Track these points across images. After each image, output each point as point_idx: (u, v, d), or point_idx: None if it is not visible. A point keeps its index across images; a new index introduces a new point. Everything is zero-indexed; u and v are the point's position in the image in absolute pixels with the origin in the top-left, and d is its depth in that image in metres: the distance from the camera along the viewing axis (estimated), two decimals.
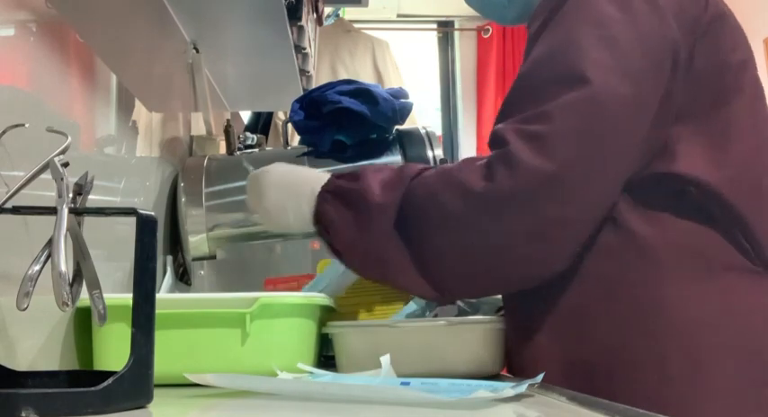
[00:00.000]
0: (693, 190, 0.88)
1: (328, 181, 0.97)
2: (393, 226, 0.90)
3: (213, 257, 1.35)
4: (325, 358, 1.04)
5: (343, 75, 3.48)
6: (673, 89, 0.87)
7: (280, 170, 1.02)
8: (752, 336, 0.87)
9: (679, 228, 0.88)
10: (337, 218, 0.93)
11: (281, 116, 2.89)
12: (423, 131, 1.42)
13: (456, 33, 4.31)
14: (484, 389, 0.67)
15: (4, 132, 0.72)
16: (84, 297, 0.68)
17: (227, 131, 1.49)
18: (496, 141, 0.87)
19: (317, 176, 0.99)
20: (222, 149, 1.61)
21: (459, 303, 1.12)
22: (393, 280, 0.93)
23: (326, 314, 1.00)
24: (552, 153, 0.82)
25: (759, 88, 0.95)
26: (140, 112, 1.33)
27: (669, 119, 0.88)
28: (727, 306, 0.87)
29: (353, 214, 0.92)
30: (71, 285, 0.65)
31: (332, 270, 1.09)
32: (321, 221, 0.95)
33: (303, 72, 1.46)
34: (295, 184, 0.99)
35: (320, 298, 0.94)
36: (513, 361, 0.99)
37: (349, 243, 0.93)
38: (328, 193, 0.96)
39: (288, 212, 0.98)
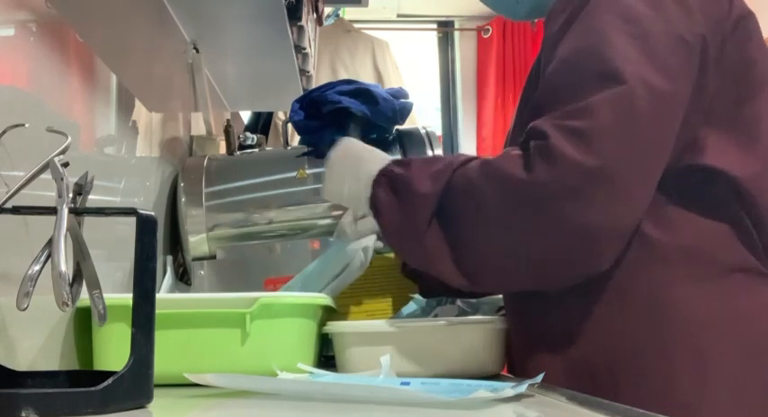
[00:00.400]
0: (719, 184, 0.87)
1: (386, 164, 0.98)
2: (433, 216, 0.90)
3: (213, 257, 1.35)
4: (326, 358, 1.04)
5: (343, 75, 3.48)
6: (703, 85, 0.87)
7: (353, 143, 1.06)
8: (758, 338, 0.87)
9: (691, 227, 0.88)
10: (385, 202, 0.95)
11: (281, 116, 2.89)
12: (423, 131, 1.42)
13: (456, 33, 4.31)
14: (484, 389, 0.67)
15: (4, 132, 0.72)
16: (84, 297, 0.68)
17: (227, 131, 1.49)
18: (534, 136, 0.85)
19: (381, 158, 1.01)
20: (222, 149, 1.61)
21: (459, 303, 1.13)
22: (430, 268, 0.92)
23: (326, 314, 1.00)
24: (594, 148, 0.81)
25: None
26: (140, 112, 1.33)
27: (700, 115, 0.87)
28: (734, 308, 0.87)
29: (398, 200, 0.94)
30: (71, 285, 0.65)
31: (317, 267, 1.09)
32: (373, 204, 0.97)
33: (303, 72, 1.46)
34: (362, 160, 1.01)
35: (320, 298, 0.94)
36: (515, 361, 0.99)
37: (393, 228, 0.94)
38: (383, 176, 0.97)
39: (344, 185, 1.00)
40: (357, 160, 1.01)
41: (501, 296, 1.06)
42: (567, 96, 0.85)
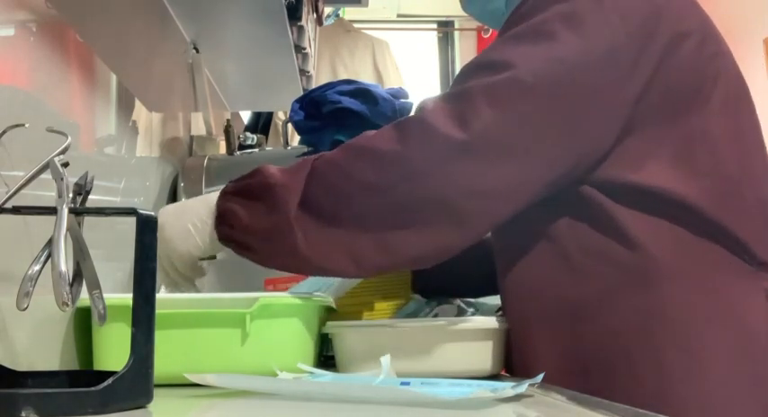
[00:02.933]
0: (671, 203, 0.87)
1: (225, 186, 0.95)
2: (298, 205, 0.87)
3: (213, 257, 1.34)
4: (326, 358, 1.04)
5: (343, 75, 3.48)
6: (619, 93, 0.87)
7: (169, 207, 1.00)
8: (748, 336, 0.87)
9: (673, 233, 0.88)
10: (242, 210, 0.91)
11: (281, 116, 2.89)
12: None
13: (456, 33, 4.31)
14: (484, 389, 0.67)
15: (4, 132, 0.72)
16: (84, 297, 0.68)
17: (227, 131, 1.49)
18: (415, 112, 0.89)
19: (207, 195, 0.97)
20: (222, 149, 1.61)
21: (459, 303, 1.13)
22: (289, 255, 0.89)
23: (326, 314, 1.00)
24: (465, 124, 0.83)
25: (741, 95, 0.94)
26: (140, 112, 1.33)
27: (617, 123, 0.87)
28: (723, 307, 0.87)
29: (260, 203, 0.90)
30: (71, 285, 0.65)
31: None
32: (225, 220, 0.92)
33: (303, 72, 1.46)
34: (190, 208, 0.96)
35: (320, 298, 0.94)
36: (511, 361, 0.99)
37: (257, 230, 0.90)
38: (228, 194, 0.93)
39: (193, 233, 0.95)
40: (188, 210, 0.96)
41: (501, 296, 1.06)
42: (456, 83, 0.89)
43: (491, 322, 0.96)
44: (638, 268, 0.87)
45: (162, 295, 0.94)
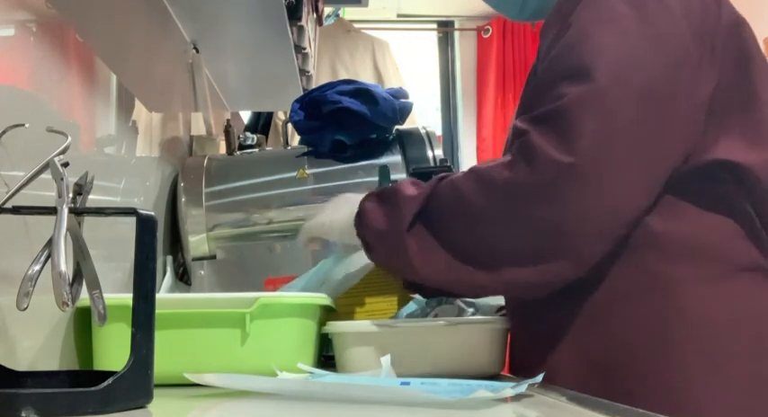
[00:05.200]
0: (726, 176, 0.87)
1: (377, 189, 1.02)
2: (415, 217, 0.90)
3: (213, 257, 1.35)
4: (326, 358, 1.04)
5: (343, 75, 3.48)
6: (694, 86, 0.87)
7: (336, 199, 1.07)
8: (766, 336, 0.87)
9: (699, 223, 0.88)
10: (370, 210, 0.96)
11: (281, 116, 2.89)
12: (423, 131, 1.42)
13: (456, 33, 4.31)
14: (484, 389, 0.67)
15: (4, 132, 0.72)
16: (84, 297, 0.68)
17: (227, 131, 1.49)
18: (516, 135, 0.87)
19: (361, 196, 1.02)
20: (222, 149, 1.61)
21: (459, 303, 1.12)
22: (403, 265, 0.92)
23: (326, 314, 1.00)
24: (569, 145, 0.81)
25: None
26: (140, 112, 1.33)
27: (697, 116, 0.87)
28: (742, 307, 0.87)
29: (385, 206, 0.95)
30: (71, 285, 0.65)
31: (321, 269, 1.09)
32: (360, 217, 0.97)
33: (303, 72, 1.47)
34: (348, 202, 1.02)
35: (320, 298, 0.94)
36: (523, 362, 0.99)
37: (376, 232, 0.95)
38: (371, 194, 0.99)
39: (330, 214, 1.03)
40: (345, 202, 1.03)
41: (501, 296, 1.06)
42: (544, 95, 0.86)
43: (491, 322, 0.96)
44: (659, 268, 0.87)
45: (162, 295, 0.94)
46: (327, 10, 3.28)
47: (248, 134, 1.55)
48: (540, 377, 0.73)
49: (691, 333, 0.86)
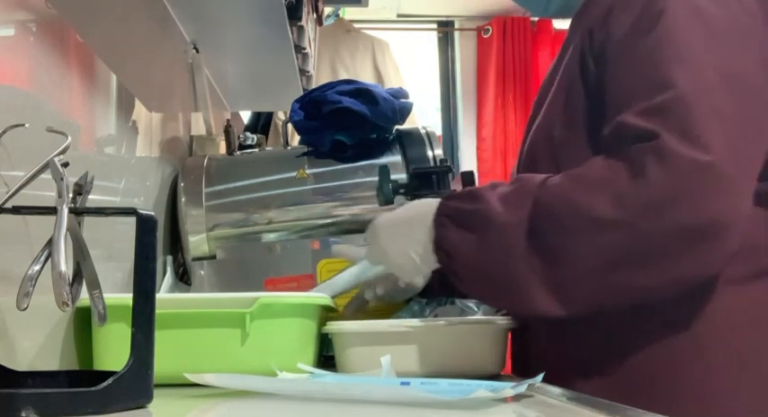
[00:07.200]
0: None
1: (440, 205, 0.92)
2: (525, 245, 0.84)
3: (213, 257, 1.35)
4: (325, 358, 1.04)
5: (343, 75, 3.48)
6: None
7: (383, 225, 0.98)
8: None
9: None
10: (459, 242, 0.88)
11: (281, 116, 2.89)
12: (423, 131, 1.42)
13: (456, 33, 4.31)
14: (484, 389, 0.67)
15: (4, 132, 0.72)
16: (84, 297, 0.68)
17: (227, 131, 1.49)
18: (637, 137, 0.81)
19: (424, 208, 0.94)
20: (222, 149, 1.61)
21: (459, 303, 1.13)
22: (518, 302, 0.86)
23: (326, 314, 1.00)
24: (701, 142, 0.78)
25: None
26: (140, 112, 1.33)
27: None
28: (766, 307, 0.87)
29: (477, 236, 0.87)
30: (71, 285, 0.65)
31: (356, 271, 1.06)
32: (442, 247, 0.90)
33: (303, 72, 1.47)
34: (405, 228, 0.94)
35: (320, 298, 0.94)
36: (539, 363, 0.99)
37: (474, 267, 0.88)
38: (444, 217, 0.91)
39: (412, 257, 0.93)
40: (404, 226, 0.94)
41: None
42: (653, 87, 0.82)
43: (491, 322, 0.96)
44: None
45: (162, 295, 0.94)
46: (327, 10, 3.29)
47: (248, 134, 1.55)
48: (539, 378, 0.73)
49: (716, 336, 0.85)
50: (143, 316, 0.64)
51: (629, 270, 0.82)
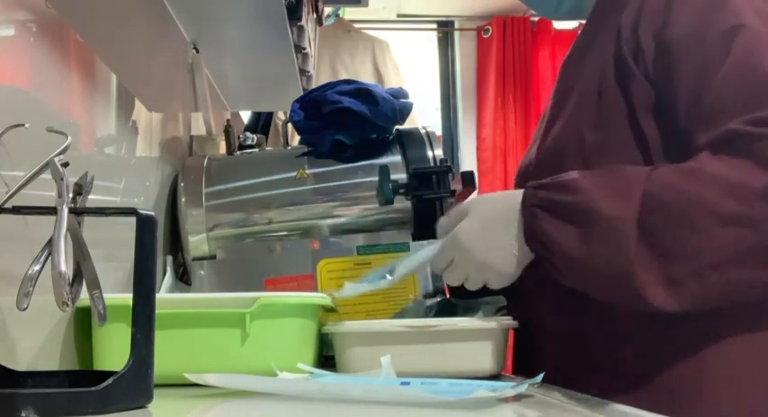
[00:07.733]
0: None
1: (527, 195, 0.89)
2: (637, 238, 0.81)
3: (213, 257, 1.35)
4: (325, 358, 1.04)
5: (343, 75, 3.48)
6: None
7: (469, 232, 0.93)
8: None
9: None
10: (559, 236, 0.85)
11: (281, 116, 2.89)
12: (423, 131, 1.42)
13: (456, 33, 4.31)
14: (484, 389, 0.67)
15: (4, 132, 0.72)
16: (84, 297, 0.68)
17: (227, 131, 1.49)
18: (753, 135, 0.80)
19: (505, 203, 0.92)
20: (222, 149, 1.61)
21: (459, 303, 1.12)
22: (629, 296, 0.82)
23: (326, 314, 1.00)
24: None
25: None
26: (140, 112, 1.33)
27: None
28: None
29: (579, 230, 0.84)
30: (71, 285, 0.65)
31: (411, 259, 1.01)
32: (537, 239, 0.88)
33: (303, 72, 1.46)
34: (495, 228, 0.91)
35: (320, 298, 0.94)
36: (517, 361, 0.99)
37: (577, 262, 0.85)
38: (536, 208, 0.88)
39: (516, 256, 0.91)
40: (490, 227, 0.91)
41: (502, 296, 1.06)
42: (758, 97, 0.81)
43: (491, 322, 0.96)
44: None
45: (162, 295, 0.94)
46: (327, 10, 3.28)
47: (248, 134, 1.55)
48: (539, 377, 0.73)
49: (727, 358, 0.85)
50: (143, 316, 0.64)
51: (755, 267, 0.80)
